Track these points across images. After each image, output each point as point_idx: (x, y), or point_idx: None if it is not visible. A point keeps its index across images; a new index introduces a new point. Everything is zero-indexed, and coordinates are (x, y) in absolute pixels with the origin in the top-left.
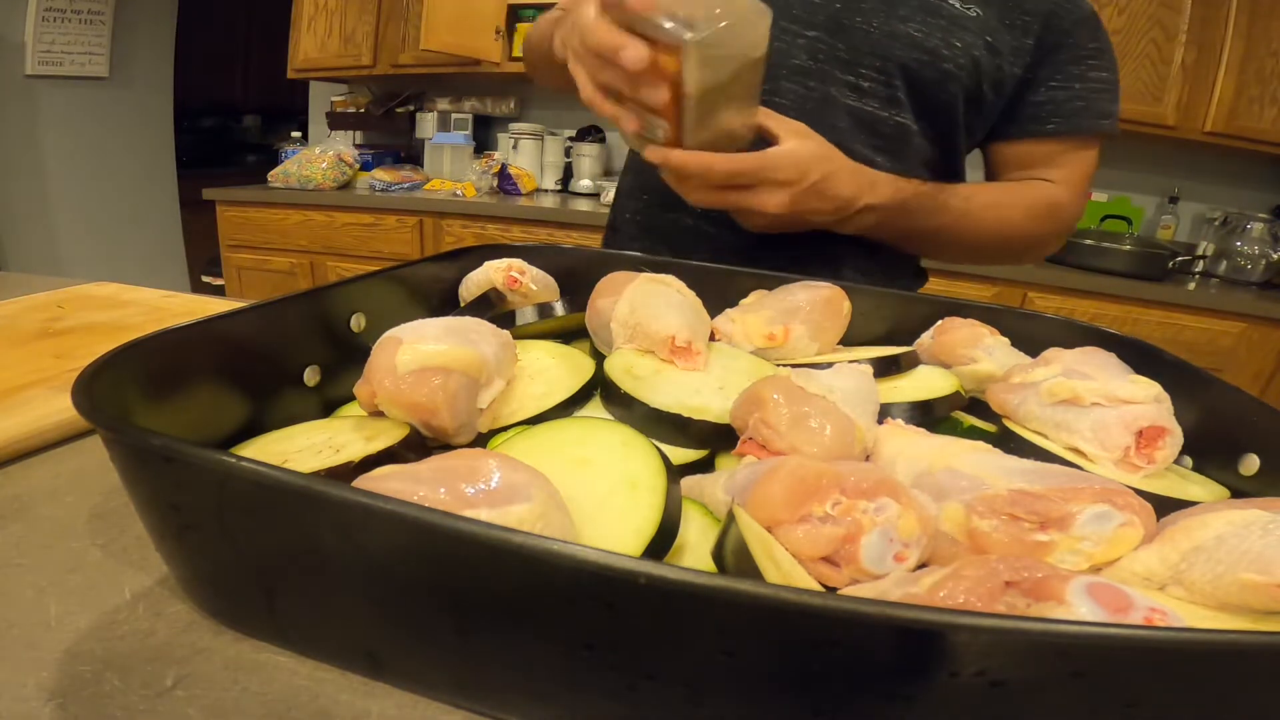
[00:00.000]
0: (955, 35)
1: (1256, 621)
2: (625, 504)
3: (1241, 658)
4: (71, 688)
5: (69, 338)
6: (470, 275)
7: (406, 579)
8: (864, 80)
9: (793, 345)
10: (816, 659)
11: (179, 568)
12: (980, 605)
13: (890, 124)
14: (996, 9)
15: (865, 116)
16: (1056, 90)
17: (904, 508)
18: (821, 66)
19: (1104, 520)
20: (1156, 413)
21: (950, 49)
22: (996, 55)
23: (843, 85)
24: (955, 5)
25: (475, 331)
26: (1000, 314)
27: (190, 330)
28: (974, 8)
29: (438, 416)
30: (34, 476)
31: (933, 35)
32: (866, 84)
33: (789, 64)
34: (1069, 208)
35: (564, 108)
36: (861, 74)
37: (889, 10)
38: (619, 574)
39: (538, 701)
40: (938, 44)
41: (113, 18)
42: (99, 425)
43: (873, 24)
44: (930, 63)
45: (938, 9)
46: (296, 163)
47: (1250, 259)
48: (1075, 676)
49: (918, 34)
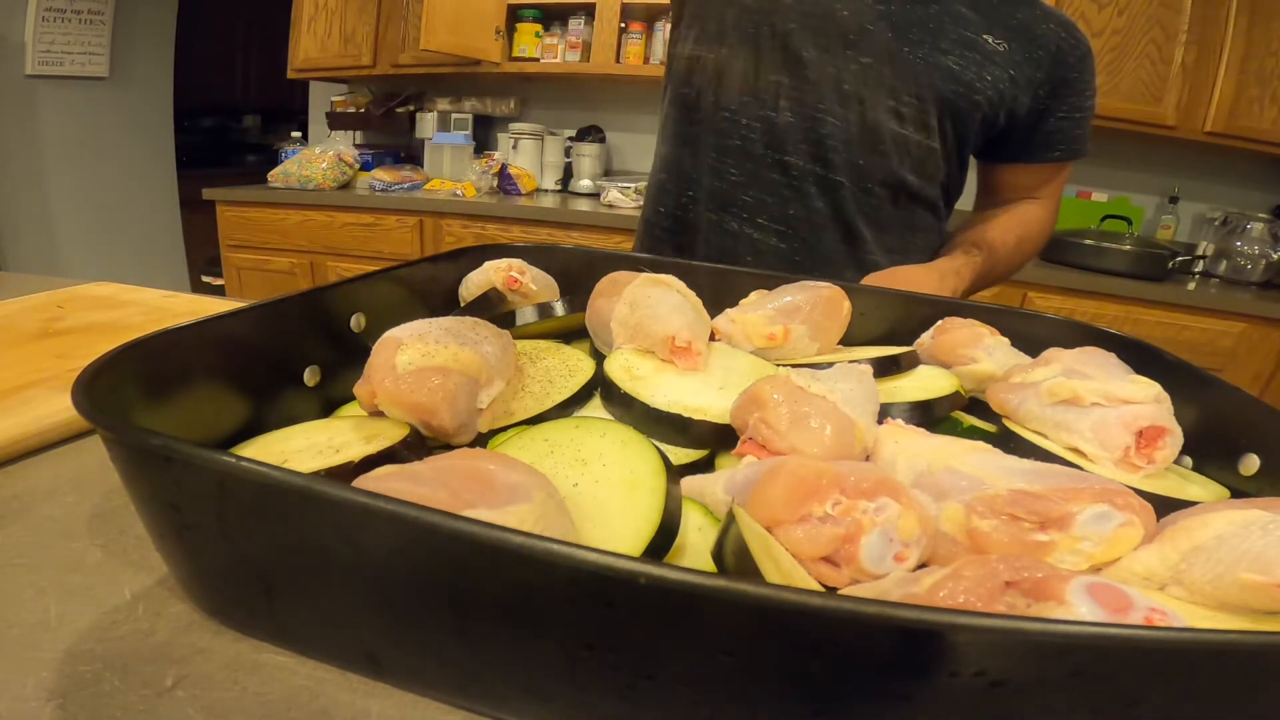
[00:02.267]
0: (987, 69)
1: (1256, 621)
2: (625, 504)
3: (1241, 658)
4: (71, 688)
5: (69, 338)
6: (470, 275)
7: (406, 579)
8: (904, 106)
9: (793, 345)
10: (816, 659)
11: (179, 568)
12: (980, 605)
13: (921, 147)
14: (1017, 44)
15: (901, 140)
16: (1064, 120)
17: (904, 508)
18: (871, 93)
19: (1104, 520)
20: (1156, 413)
21: (982, 81)
22: (1016, 87)
23: (886, 111)
24: (988, 40)
25: (475, 331)
26: (1000, 314)
27: (190, 330)
28: (1001, 43)
29: (438, 416)
30: (34, 476)
31: (969, 69)
32: (905, 109)
33: (841, 89)
34: (1052, 224)
35: (564, 108)
36: (903, 100)
37: (933, 43)
38: (619, 574)
39: (538, 701)
40: (973, 77)
41: (113, 18)
42: (99, 425)
43: (919, 55)
44: (965, 94)
45: (974, 44)
46: (296, 163)
47: (1250, 259)
48: (1075, 676)
49: (956, 66)
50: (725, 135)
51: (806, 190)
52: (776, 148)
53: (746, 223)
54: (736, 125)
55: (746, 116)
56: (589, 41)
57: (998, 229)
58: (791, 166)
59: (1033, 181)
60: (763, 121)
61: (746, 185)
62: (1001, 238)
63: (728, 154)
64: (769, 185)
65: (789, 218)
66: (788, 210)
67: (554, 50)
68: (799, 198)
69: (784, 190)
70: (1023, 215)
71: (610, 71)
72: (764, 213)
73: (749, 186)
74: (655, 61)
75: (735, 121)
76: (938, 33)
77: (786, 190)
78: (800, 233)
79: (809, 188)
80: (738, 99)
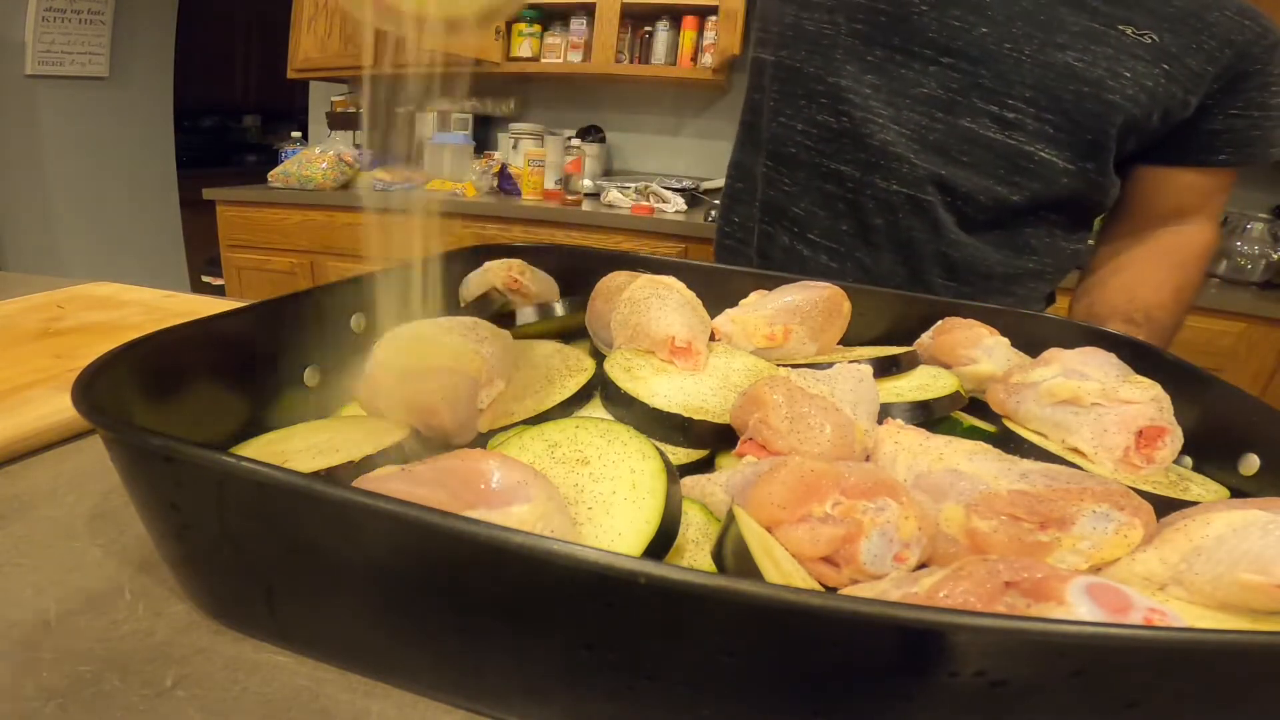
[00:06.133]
0: (1124, 65)
1: (1256, 621)
2: (625, 504)
3: (1241, 658)
4: (71, 688)
5: (69, 338)
6: (470, 275)
7: (406, 579)
8: (1009, 111)
9: (793, 345)
10: (816, 659)
11: (179, 568)
12: (980, 605)
13: (1035, 159)
14: (1175, 34)
15: (1008, 151)
16: (1236, 118)
17: (904, 508)
18: (954, 97)
19: (1104, 520)
20: (1156, 413)
21: (1117, 79)
22: (1174, 83)
23: (984, 116)
24: (1128, 33)
25: (475, 331)
26: (1000, 314)
27: (190, 330)
28: (1149, 34)
29: (438, 416)
30: (34, 476)
31: (1096, 65)
32: (1013, 115)
33: (912, 93)
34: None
35: (564, 108)
36: (1008, 104)
37: (1045, 37)
38: (619, 574)
39: (538, 701)
40: (1102, 74)
41: (113, 18)
42: (99, 425)
43: (1025, 52)
44: (1092, 94)
45: (1103, 36)
46: (296, 163)
47: (1250, 259)
48: (1075, 676)
49: (1078, 64)
50: (780, 142)
51: (862, 205)
52: (830, 156)
53: (797, 238)
54: (791, 131)
55: (802, 122)
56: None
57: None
58: (846, 177)
59: (1185, 194)
60: (819, 128)
61: (798, 197)
62: (1157, 297)
63: (782, 162)
64: (820, 197)
65: (840, 234)
66: (839, 226)
67: (554, 50)
68: (852, 212)
69: (837, 204)
70: (1176, 256)
71: (610, 71)
72: (814, 227)
73: (800, 198)
74: (655, 62)
75: (790, 127)
76: (1050, 26)
77: (840, 204)
78: (853, 252)
79: (865, 202)
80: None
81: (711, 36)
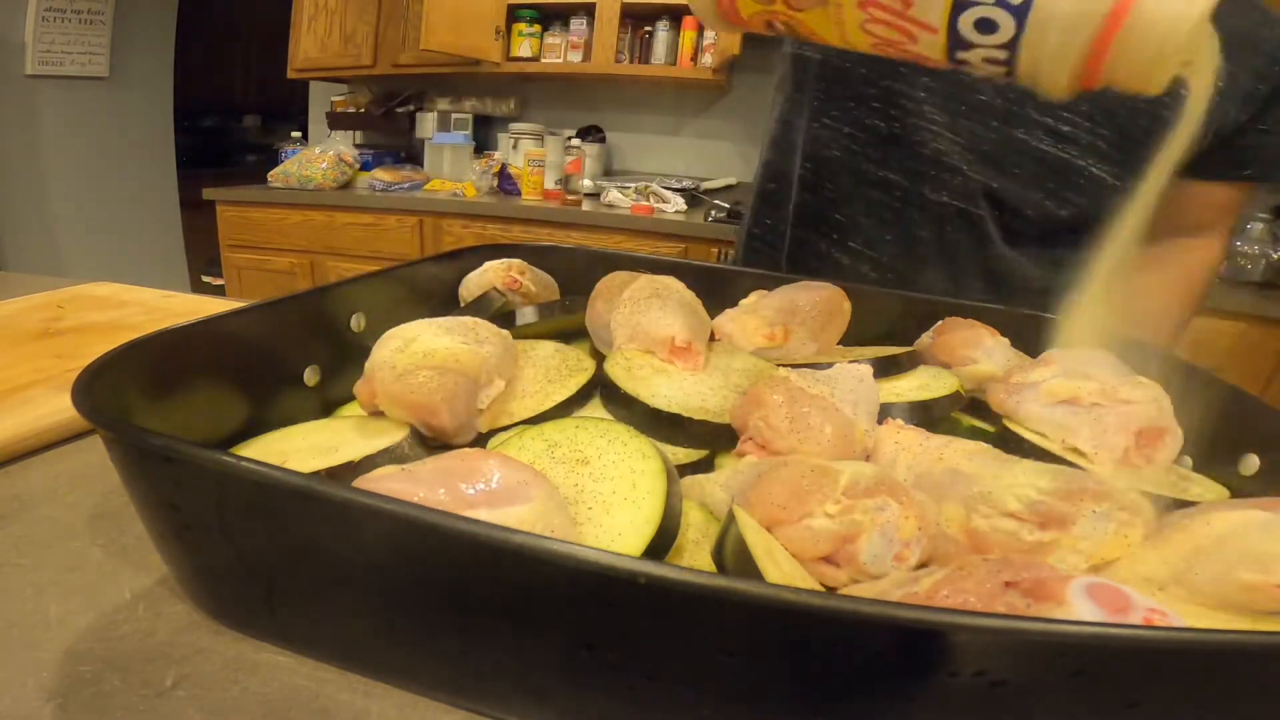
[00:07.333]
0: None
1: (1256, 621)
2: (625, 504)
3: (1241, 658)
4: (71, 688)
5: (69, 338)
6: (470, 275)
7: (406, 579)
8: (1064, 124)
9: (793, 345)
10: (816, 659)
11: (179, 568)
12: (980, 605)
13: (1086, 174)
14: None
15: (1059, 164)
16: (1265, 134)
17: (904, 508)
18: (1011, 106)
19: (1104, 520)
20: (1156, 413)
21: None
22: (1229, 101)
23: (1038, 128)
24: None
25: (475, 331)
26: (1000, 314)
27: (190, 330)
28: None
29: (438, 416)
30: (34, 476)
31: None
32: (1067, 128)
33: (969, 99)
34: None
35: (564, 108)
36: (1063, 117)
37: None
38: (619, 574)
39: (538, 701)
40: None
41: (113, 18)
42: (99, 425)
43: None
44: (1147, 111)
45: None
46: (296, 163)
47: (1250, 259)
48: (1075, 676)
49: None
50: (822, 144)
51: (909, 215)
52: (877, 162)
53: (836, 244)
54: (836, 134)
55: (849, 125)
56: (590, 42)
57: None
58: (894, 185)
59: (1203, 209)
60: (867, 132)
61: (839, 203)
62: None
63: (822, 165)
64: (864, 205)
65: (884, 244)
66: (884, 236)
67: (554, 50)
68: (899, 222)
69: (883, 212)
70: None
71: (610, 71)
72: (856, 236)
73: (841, 205)
74: (655, 62)
75: (834, 130)
76: None
77: (886, 213)
78: (896, 263)
79: (912, 213)
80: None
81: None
